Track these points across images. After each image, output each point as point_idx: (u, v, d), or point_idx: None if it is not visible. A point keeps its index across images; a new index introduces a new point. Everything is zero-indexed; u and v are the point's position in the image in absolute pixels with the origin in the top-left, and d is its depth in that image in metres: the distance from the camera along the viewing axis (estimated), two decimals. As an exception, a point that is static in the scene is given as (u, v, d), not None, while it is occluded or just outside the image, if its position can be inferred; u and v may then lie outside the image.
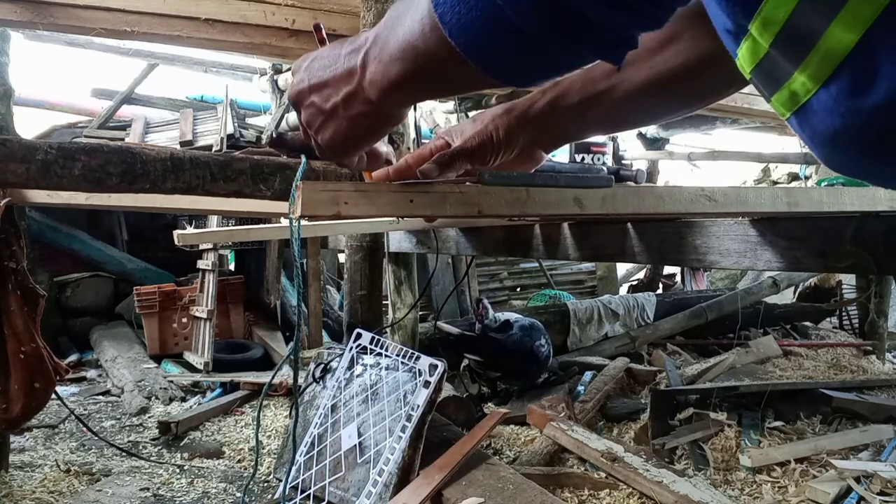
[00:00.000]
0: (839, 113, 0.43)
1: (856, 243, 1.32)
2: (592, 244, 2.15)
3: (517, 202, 0.93)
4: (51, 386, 2.12)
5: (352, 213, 0.85)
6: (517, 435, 2.96)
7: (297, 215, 0.84)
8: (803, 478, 2.41)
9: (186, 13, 2.65)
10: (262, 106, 5.63)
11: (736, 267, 1.81)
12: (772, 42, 0.44)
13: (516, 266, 5.76)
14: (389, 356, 2.32)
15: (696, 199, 1.12)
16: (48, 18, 2.52)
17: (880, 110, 0.40)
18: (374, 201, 0.85)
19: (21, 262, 2.00)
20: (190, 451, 2.88)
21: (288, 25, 2.74)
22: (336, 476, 2.12)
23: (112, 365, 4.14)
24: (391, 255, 3.33)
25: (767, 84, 0.48)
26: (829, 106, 0.43)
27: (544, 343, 3.44)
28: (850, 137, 0.44)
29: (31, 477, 2.53)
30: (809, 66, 0.43)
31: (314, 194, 0.83)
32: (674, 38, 0.75)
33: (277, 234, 3.35)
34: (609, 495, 2.29)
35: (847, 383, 3.56)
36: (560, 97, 0.83)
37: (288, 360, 1.97)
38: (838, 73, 0.41)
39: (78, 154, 1.20)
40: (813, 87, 0.43)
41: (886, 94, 0.39)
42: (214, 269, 4.36)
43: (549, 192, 0.96)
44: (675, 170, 8.41)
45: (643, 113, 0.86)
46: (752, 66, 0.48)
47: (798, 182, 7.62)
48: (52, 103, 6.02)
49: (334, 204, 0.83)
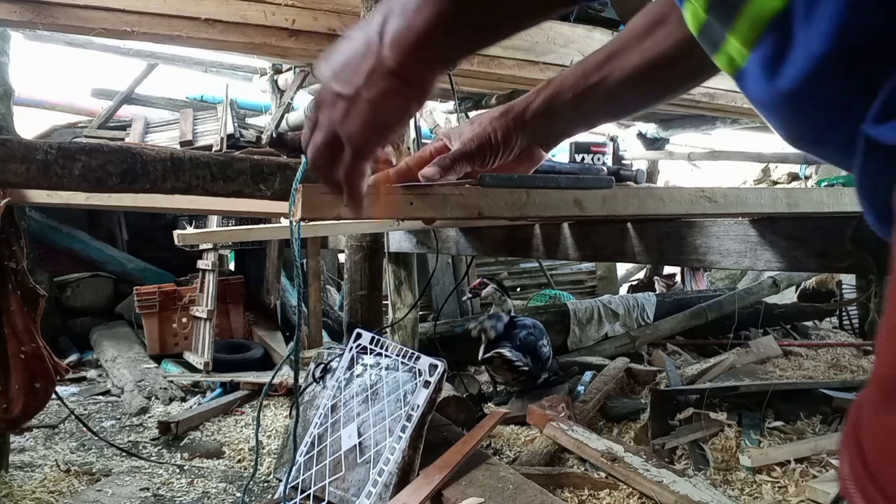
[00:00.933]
0: (764, 80, 0.43)
1: (856, 243, 1.32)
2: (592, 244, 2.15)
3: (517, 204, 0.93)
4: (51, 386, 2.12)
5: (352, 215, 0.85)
6: (517, 435, 2.96)
7: (297, 218, 0.83)
8: (803, 478, 2.41)
9: (186, 13, 2.65)
10: (262, 106, 5.63)
11: (736, 267, 1.81)
12: (706, 7, 0.45)
13: (516, 266, 5.76)
14: (389, 356, 2.32)
15: (697, 201, 1.13)
16: (48, 18, 2.52)
17: (796, 81, 0.40)
18: (374, 204, 0.85)
19: (21, 262, 2.00)
20: (190, 451, 2.88)
21: (288, 25, 2.74)
22: (336, 476, 2.12)
23: (112, 365, 4.14)
24: (391, 255, 3.33)
25: (710, 48, 0.49)
26: (757, 73, 0.43)
27: (545, 343, 3.45)
28: (777, 107, 0.44)
29: (31, 477, 2.53)
30: (739, 31, 0.43)
31: (314, 197, 0.83)
32: (661, 20, 0.74)
33: (277, 234, 3.35)
34: (609, 495, 2.29)
35: (847, 383, 3.56)
36: (555, 96, 0.83)
37: (288, 360, 1.98)
38: (764, 39, 0.41)
39: (78, 154, 1.20)
40: (746, 52, 0.44)
41: (802, 64, 0.39)
42: (214, 269, 4.36)
43: (548, 195, 0.97)
44: (675, 170, 8.41)
45: (638, 99, 0.86)
46: (697, 32, 0.49)
47: (798, 182, 7.61)
48: (52, 103, 6.01)
49: (335, 206, 0.83)
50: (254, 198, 1.34)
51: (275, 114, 4.97)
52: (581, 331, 4.34)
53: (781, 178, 8.10)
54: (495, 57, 3.15)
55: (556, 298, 5.24)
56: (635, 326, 4.56)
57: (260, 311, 5.05)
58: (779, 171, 8.22)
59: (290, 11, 2.74)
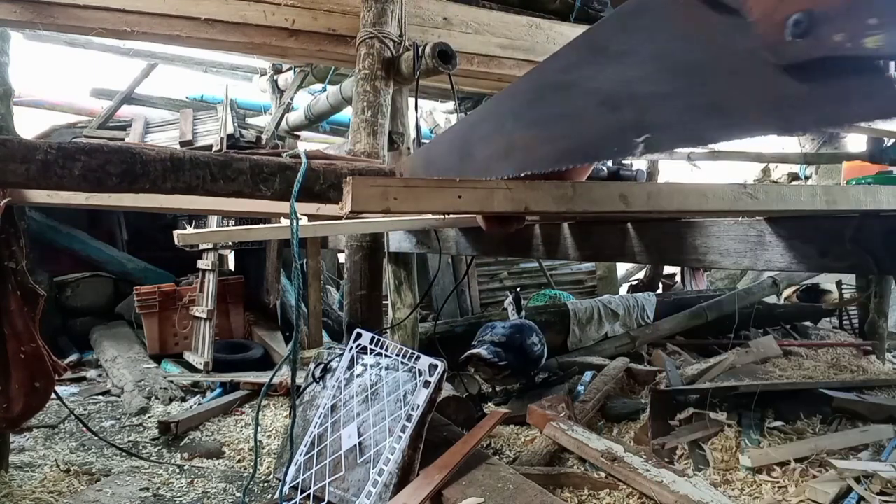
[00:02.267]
0: None
1: (856, 243, 1.32)
2: (592, 244, 2.15)
3: (564, 199, 0.93)
4: (51, 385, 2.12)
5: (401, 208, 0.85)
6: (517, 435, 2.96)
7: (346, 211, 0.82)
8: (803, 478, 2.41)
9: (186, 13, 2.64)
10: (262, 106, 5.63)
11: (736, 267, 1.81)
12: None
13: (516, 266, 5.75)
14: (389, 356, 2.32)
15: (739, 197, 1.13)
16: (48, 18, 2.52)
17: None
18: (422, 197, 0.85)
19: (21, 262, 2.00)
20: (190, 451, 2.88)
21: (288, 25, 2.74)
22: (336, 476, 2.12)
23: (112, 365, 4.13)
24: (391, 255, 3.33)
25: None
26: None
27: (537, 342, 3.43)
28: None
29: (31, 477, 2.53)
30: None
31: (364, 189, 0.82)
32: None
33: (277, 234, 3.35)
34: (609, 495, 2.29)
35: (847, 383, 3.56)
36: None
37: (288, 360, 1.97)
38: None
39: (78, 154, 1.20)
40: None
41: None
42: (214, 269, 4.36)
43: (594, 189, 0.97)
44: (676, 170, 8.40)
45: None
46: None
47: (798, 182, 7.62)
48: (52, 103, 6.02)
49: (384, 199, 0.83)
50: (254, 198, 1.34)
51: (275, 114, 4.98)
52: (581, 331, 4.34)
53: (781, 178, 8.10)
54: (495, 57, 3.15)
55: (556, 298, 5.24)
56: (635, 326, 4.56)
57: (260, 311, 5.05)
58: (779, 171, 8.21)
59: (290, 11, 2.74)
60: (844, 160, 5.58)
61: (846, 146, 6.63)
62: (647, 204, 1.02)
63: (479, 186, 0.87)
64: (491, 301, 5.31)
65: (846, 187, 1.76)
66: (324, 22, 2.79)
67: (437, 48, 2.39)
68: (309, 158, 1.27)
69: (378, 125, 2.38)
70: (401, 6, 2.55)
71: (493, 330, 3.43)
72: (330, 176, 1.34)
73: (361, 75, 2.43)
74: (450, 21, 3.01)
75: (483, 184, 0.87)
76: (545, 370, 3.65)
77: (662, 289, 6.92)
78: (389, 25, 2.46)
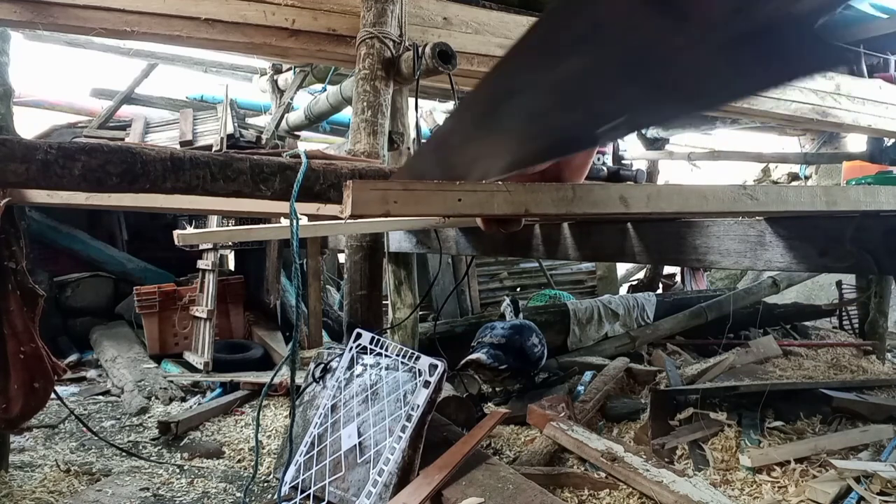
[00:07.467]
0: None
1: (856, 243, 1.32)
2: (592, 244, 2.15)
3: (563, 200, 0.93)
4: (50, 385, 2.12)
5: (401, 212, 0.84)
6: (517, 435, 2.96)
7: (347, 215, 0.82)
8: (803, 478, 2.41)
9: (186, 13, 2.64)
10: (262, 106, 5.63)
11: (736, 267, 1.81)
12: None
13: (516, 266, 5.75)
14: (389, 356, 2.32)
15: (739, 198, 1.12)
16: (48, 18, 2.52)
17: None
18: (422, 200, 0.85)
19: (21, 262, 2.00)
20: (190, 451, 2.88)
21: (288, 25, 2.74)
22: (336, 476, 2.12)
23: (112, 365, 4.13)
24: (391, 255, 3.33)
25: None
26: None
27: (537, 343, 3.43)
28: None
29: (31, 477, 2.53)
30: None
31: (364, 193, 0.82)
32: None
33: (277, 234, 3.34)
34: (609, 495, 2.29)
35: (847, 383, 3.56)
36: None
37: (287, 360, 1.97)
38: None
39: (78, 154, 1.20)
40: None
41: None
42: (214, 269, 4.36)
43: (594, 191, 0.97)
44: (676, 170, 8.40)
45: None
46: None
47: (798, 182, 7.62)
48: (52, 103, 6.02)
49: (384, 203, 0.82)
50: (254, 198, 1.34)
51: (275, 114, 4.98)
52: (581, 331, 4.34)
53: (781, 178, 8.10)
54: (495, 57, 3.15)
55: (556, 298, 5.24)
56: (635, 326, 4.56)
57: (260, 311, 5.05)
58: (779, 171, 8.22)
59: (290, 11, 2.73)
60: (844, 160, 5.58)
61: (846, 146, 6.64)
62: (647, 206, 1.02)
63: (480, 189, 0.87)
64: (491, 301, 5.31)
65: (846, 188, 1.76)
66: (324, 22, 2.79)
67: (437, 48, 2.39)
68: (309, 158, 1.27)
69: (378, 125, 2.38)
70: (401, 6, 2.55)
71: (492, 331, 3.43)
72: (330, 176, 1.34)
73: (361, 75, 2.43)
74: (450, 21, 3.01)
75: (483, 187, 0.87)
76: (545, 370, 3.65)
77: (662, 289, 6.92)
78: (389, 25, 2.46)
